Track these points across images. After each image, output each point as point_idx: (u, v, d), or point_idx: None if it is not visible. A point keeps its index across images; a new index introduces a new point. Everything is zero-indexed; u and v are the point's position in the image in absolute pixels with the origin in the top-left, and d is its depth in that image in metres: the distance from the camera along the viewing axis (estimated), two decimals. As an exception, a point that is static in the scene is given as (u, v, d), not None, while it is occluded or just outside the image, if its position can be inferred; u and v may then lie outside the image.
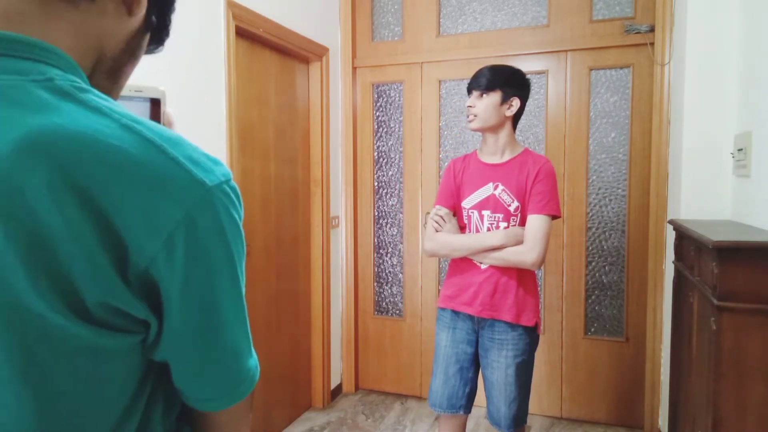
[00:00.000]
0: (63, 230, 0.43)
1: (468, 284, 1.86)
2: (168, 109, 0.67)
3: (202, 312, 0.50)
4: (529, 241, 1.75)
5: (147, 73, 1.76)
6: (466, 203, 1.89)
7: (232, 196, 0.52)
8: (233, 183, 0.53)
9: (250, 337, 0.56)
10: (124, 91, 0.66)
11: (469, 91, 1.88)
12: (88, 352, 0.47)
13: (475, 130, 1.88)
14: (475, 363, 1.91)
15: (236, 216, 0.52)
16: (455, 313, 1.91)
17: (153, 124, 0.50)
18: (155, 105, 0.67)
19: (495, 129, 1.85)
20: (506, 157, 1.87)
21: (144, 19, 0.58)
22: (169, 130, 0.50)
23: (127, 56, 0.58)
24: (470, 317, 1.88)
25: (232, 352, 0.53)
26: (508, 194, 1.82)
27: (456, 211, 1.94)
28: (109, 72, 0.56)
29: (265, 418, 2.63)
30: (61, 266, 0.44)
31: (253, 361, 0.56)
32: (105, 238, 0.44)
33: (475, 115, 1.84)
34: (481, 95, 1.83)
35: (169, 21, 0.65)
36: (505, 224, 1.82)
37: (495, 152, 1.88)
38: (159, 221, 0.46)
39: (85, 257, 0.44)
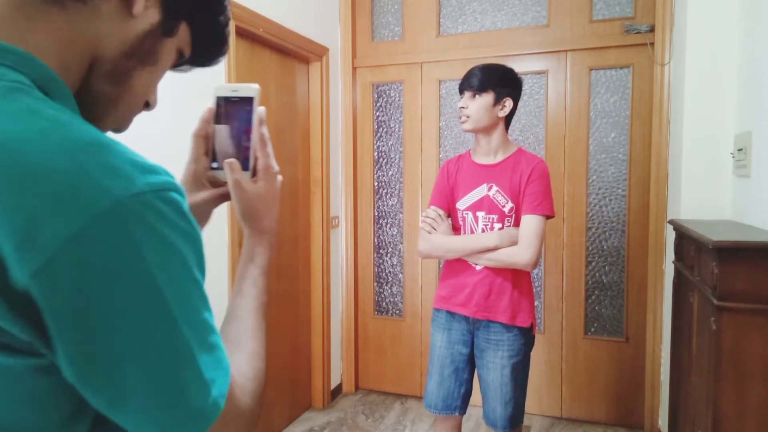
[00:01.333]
0: None
1: (463, 285, 1.86)
2: (260, 107, 0.67)
3: (104, 343, 0.42)
4: (524, 242, 1.75)
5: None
6: (461, 204, 1.88)
7: (162, 207, 0.44)
8: (169, 194, 0.45)
9: (203, 367, 0.47)
10: (222, 92, 0.67)
11: (461, 91, 1.86)
12: None
13: (468, 131, 1.87)
14: (470, 364, 1.91)
15: (166, 230, 0.45)
16: (450, 314, 1.90)
17: (82, 127, 0.46)
18: (248, 103, 0.66)
19: (488, 130, 1.84)
20: (499, 158, 1.86)
21: (160, 22, 0.56)
22: (99, 135, 0.46)
23: (134, 60, 0.55)
24: (465, 318, 1.87)
25: (164, 387, 0.45)
26: (502, 195, 1.82)
27: (450, 213, 1.93)
28: (111, 76, 0.54)
29: (265, 418, 2.63)
30: None
31: (213, 393, 0.48)
32: None
33: (468, 116, 1.82)
34: (474, 96, 1.81)
35: (217, 30, 0.63)
36: (500, 225, 1.82)
37: (488, 153, 1.87)
38: (43, 238, 0.40)
39: None
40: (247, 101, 0.66)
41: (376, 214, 3.28)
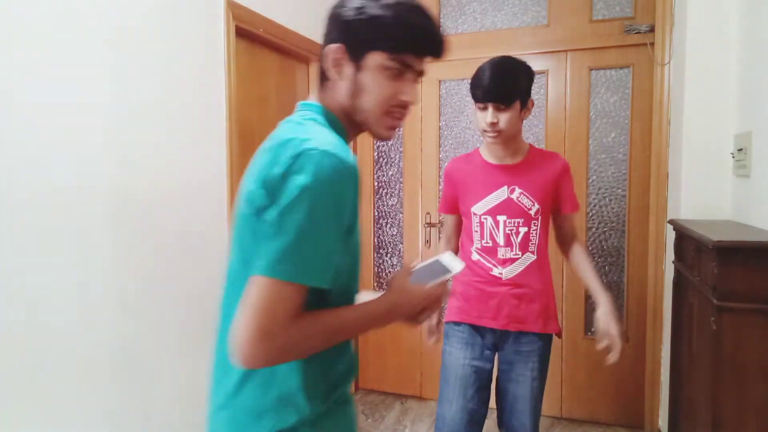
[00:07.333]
0: None
1: (488, 296, 1.72)
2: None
3: (289, 229, 0.78)
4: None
5: (145, 74, 1.75)
6: (477, 209, 1.74)
7: (354, 178, 0.81)
8: (356, 171, 0.81)
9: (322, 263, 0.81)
10: (447, 269, 1.00)
11: (483, 101, 1.64)
12: None
13: (497, 145, 1.70)
14: (490, 379, 1.78)
15: (351, 192, 0.81)
16: (473, 327, 1.75)
17: (328, 135, 0.83)
18: (446, 273, 0.99)
19: (515, 136, 1.71)
20: (518, 158, 1.73)
21: (354, 68, 0.89)
22: (334, 139, 0.82)
23: (352, 99, 0.90)
24: (492, 331, 1.74)
25: (300, 253, 0.79)
26: (527, 197, 1.70)
27: (463, 217, 1.82)
28: (354, 110, 0.92)
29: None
30: None
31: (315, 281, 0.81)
32: None
33: (499, 131, 1.63)
34: (503, 109, 1.62)
35: (401, 36, 0.90)
36: (526, 229, 1.70)
37: (506, 154, 1.73)
38: (288, 189, 0.79)
39: None
40: (446, 272, 1.00)
41: (376, 214, 3.28)
